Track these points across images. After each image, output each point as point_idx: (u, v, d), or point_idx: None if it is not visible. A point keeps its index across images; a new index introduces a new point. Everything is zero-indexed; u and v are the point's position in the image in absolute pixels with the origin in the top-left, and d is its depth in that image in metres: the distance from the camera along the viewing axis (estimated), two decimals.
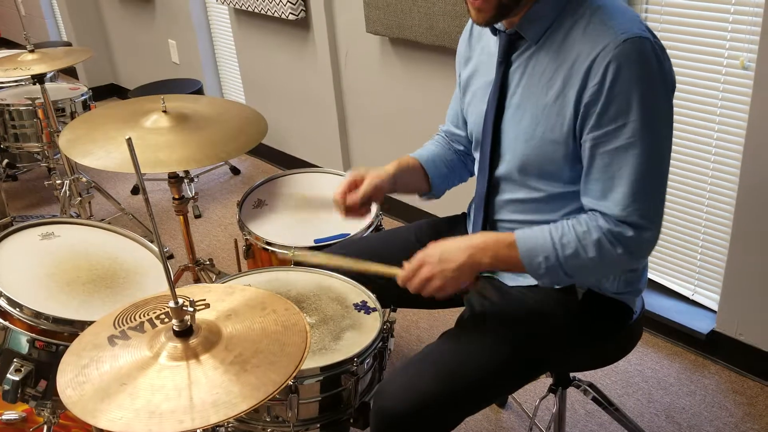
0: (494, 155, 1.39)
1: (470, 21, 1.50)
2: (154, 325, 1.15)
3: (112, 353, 1.10)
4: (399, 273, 1.34)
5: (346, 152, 3.34)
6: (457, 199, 1.83)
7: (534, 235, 1.28)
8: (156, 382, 1.03)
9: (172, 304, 1.07)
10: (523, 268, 1.28)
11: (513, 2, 1.23)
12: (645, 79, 1.18)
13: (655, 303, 2.35)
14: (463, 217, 1.67)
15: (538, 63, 1.28)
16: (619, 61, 1.17)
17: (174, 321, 1.08)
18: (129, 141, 0.93)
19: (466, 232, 1.62)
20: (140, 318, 1.18)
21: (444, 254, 1.29)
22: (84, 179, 3.03)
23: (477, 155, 1.47)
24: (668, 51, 2.04)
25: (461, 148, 1.62)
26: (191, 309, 1.08)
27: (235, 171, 3.90)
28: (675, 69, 2.04)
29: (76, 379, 1.06)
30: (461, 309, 1.51)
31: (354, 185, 1.48)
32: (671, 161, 2.15)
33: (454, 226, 1.65)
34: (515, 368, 1.36)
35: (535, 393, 2.14)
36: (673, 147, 2.15)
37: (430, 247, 1.32)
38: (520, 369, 1.38)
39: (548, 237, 1.26)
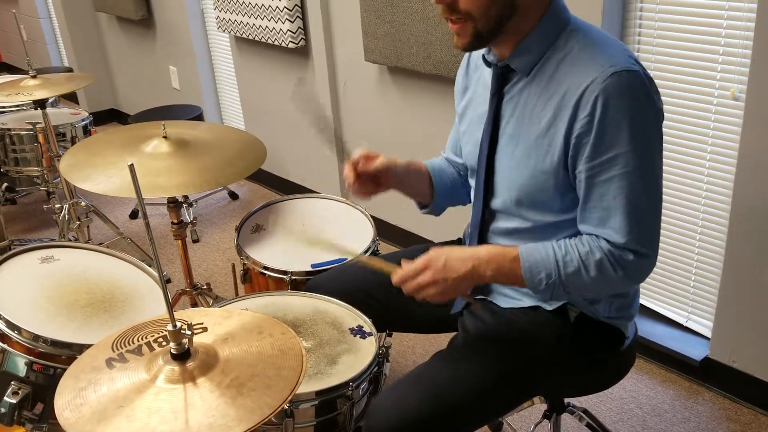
0: (488, 185, 1.42)
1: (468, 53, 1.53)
2: (152, 348, 1.17)
3: (110, 376, 1.11)
4: (396, 271, 1.34)
5: (344, 179, 3.36)
6: (452, 225, 1.86)
7: (537, 251, 1.30)
8: (153, 405, 1.04)
9: (170, 327, 1.08)
10: (524, 282, 1.30)
11: (490, 32, 1.26)
12: (634, 110, 1.21)
13: (649, 329, 2.36)
14: (458, 243, 1.69)
15: (530, 95, 1.31)
16: (607, 94, 1.20)
17: (172, 344, 1.09)
18: (131, 167, 0.95)
19: None
20: (138, 341, 1.19)
21: (449, 262, 1.30)
22: (83, 203, 3.05)
23: (472, 184, 1.50)
24: (660, 83, 2.10)
25: (462, 173, 1.65)
26: (189, 332, 1.10)
27: (234, 196, 3.93)
28: (667, 100, 2.10)
29: (73, 401, 1.07)
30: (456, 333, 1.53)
31: (367, 158, 1.47)
32: (665, 190, 2.18)
33: None
34: (506, 390, 1.37)
35: (529, 419, 2.15)
36: (666, 176, 2.19)
37: (434, 251, 1.32)
38: (512, 391, 1.39)
39: (551, 254, 1.29)
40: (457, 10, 1.25)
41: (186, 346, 1.10)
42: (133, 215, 3.76)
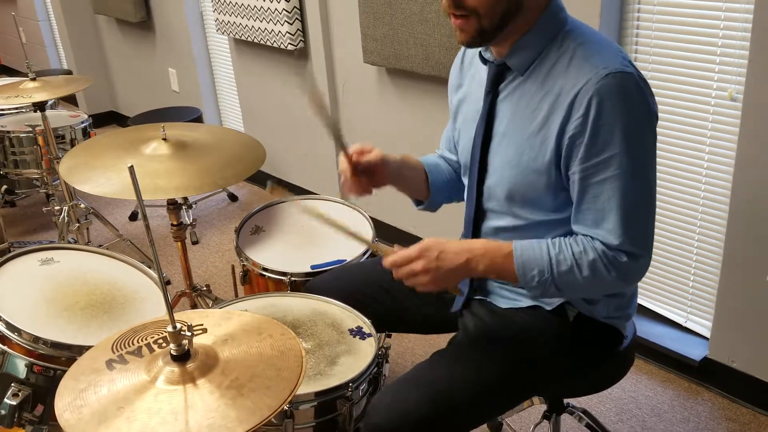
0: (481, 182, 1.42)
1: (462, 49, 1.54)
2: (152, 350, 1.17)
3: (110, 377, 1.12)
4: (387, 253, 1.34)
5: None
6: (451, 226, 1.86)
7: (531, 248, 1.30)
8: (153, 406, 1.04)
9: (170, 328, 1.08)
10: (516, 278, 1.31)
11: (493, 29, 1.26)
12: (628, 112, 1.21)
13: (648, 330, 2.36)
14: None
15: (524, 94, 1.32)
16: (601, 95, 1.20)
17: (172, 345, 1.09)
18: (131, 169, 0.95)
19: None
20: (138, 342, 1.19)
21: (443, 254, 1.30)
22: (82, 205, 3.05)
23: (465, 182, 1.50)
24: (658, 84, 2.11)
25: (457, 170, 1.65)
26: (189, 333, 1.10)
27: (233, 198, 3.93)
28: (665, 101, 2.11)
29: (74, 403, 1.07)
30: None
31: (362, 152, 1.45)
32: (663, 191, 2.20)
33: None
34: (505, 390, 1.38)
35: (529, 419, 2.15)
36: (664, 177, 2.20)
37: (430, 240, 1.32)
38: (510, 391, 1.39)
39: (545, 252, 1.29)
40: (463, 6, 1.24)
41: (186, 348, 1.10)
42: (133, 217, 3.76)
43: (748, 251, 2.01)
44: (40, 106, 2.80)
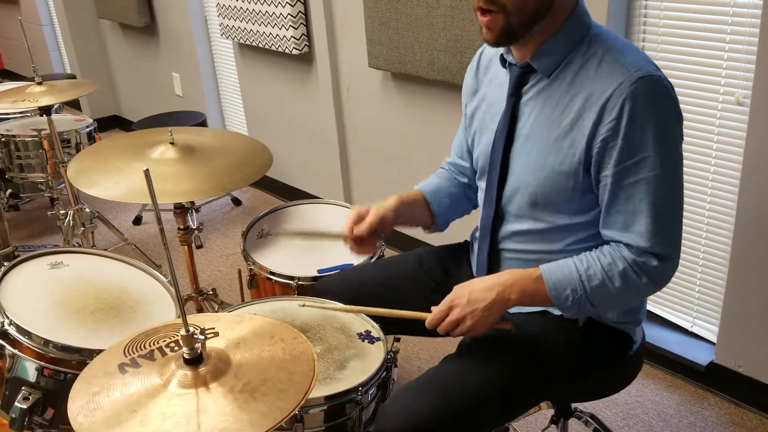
0: (501, 186, 1.42)
1: (477, 54, 1.54)
2: (164, 353, 1.17)
3: (122, 381, 1.12)
4: (427, 316, 1.37)
5: (348, 184, 3.38)
6: (457, 229, 1.86)
7: (559, 268, 1.31)
8: (166, 410, 1.04)
9: (183, 332, 1.08)
10: (550, 301, 1.31)
11: (522, 27, 1.27)
12: (659, 115, 1.22)
13: (654, 335, 2.36)
14: (466, 245, 1.69)
15: (550, 96, 1.32)
16: (634, 99, 1.21)
17: (184, 349, 1.09)
18: (147, 173, 0.96)
19: (468, 261, 1.64)
20: (150, 346, 1.19)
21: (473, 294, 1.32)
22: (87, 209, 3.05)
23: (482, 185, 1.50)
24: None
25: (465, 180, 1.65)
26: (202, 337, 1.10)
27: (237, 202, 3.93)
28: None
29: (87, 406, 1.07)
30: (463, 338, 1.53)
31: (359, 219, 1.51)
32: None
33: (456, 254, 1.67)
34: (515, 395, 1.38)
35: (536, 424, 2.15)
36: None
37: (456, 288, 1.35)
38: (520, 396, 1.39)
39: (574, 270, 1.29)
40: (493, 0, 1.25)
41: (199, 351, 1.10)
42: (137, 221, 3.76)
43: (754, 256, 2.01)
44: (46, 110, 2.80)
